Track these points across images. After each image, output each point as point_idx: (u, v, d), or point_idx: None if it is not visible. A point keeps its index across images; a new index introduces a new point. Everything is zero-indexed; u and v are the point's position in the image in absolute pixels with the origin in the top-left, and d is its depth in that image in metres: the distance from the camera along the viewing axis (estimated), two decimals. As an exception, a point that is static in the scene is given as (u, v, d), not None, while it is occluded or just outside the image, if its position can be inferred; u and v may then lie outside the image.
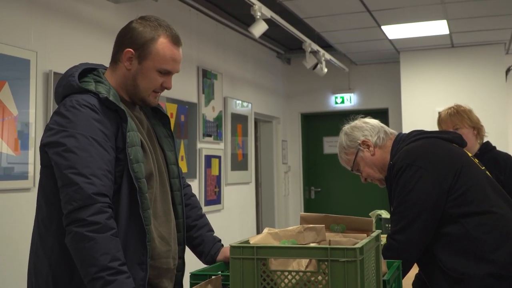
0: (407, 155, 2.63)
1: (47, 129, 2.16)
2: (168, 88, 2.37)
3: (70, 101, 2.15)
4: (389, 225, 3.91)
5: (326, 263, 1.48)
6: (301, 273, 1.50)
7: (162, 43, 2.31)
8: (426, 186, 2.53)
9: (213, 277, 1.97)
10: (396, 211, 2.60)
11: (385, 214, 4.23)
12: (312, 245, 1.66)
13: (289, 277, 1.52)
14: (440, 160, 2.61)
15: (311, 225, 1.72)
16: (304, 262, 1.59)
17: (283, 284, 1.51)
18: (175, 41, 2.35)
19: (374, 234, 1.75)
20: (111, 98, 2.18)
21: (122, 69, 2.32)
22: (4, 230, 4.06)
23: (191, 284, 2.04)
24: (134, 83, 2.31)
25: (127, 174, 2.15)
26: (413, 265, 2.59)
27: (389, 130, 2.93)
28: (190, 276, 2.12)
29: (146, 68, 2.29)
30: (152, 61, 2.28)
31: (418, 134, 2.78)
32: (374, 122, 2.95)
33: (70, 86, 2.22)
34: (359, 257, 1.46)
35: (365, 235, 1.76)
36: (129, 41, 2.32)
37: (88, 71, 2.35)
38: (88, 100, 2.15)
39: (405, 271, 2.57)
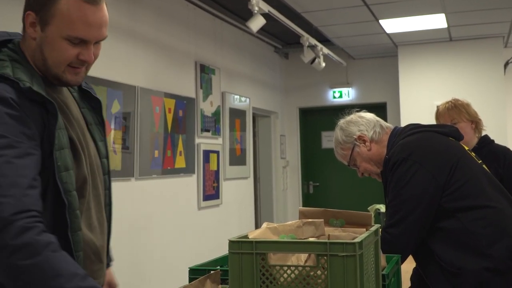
0: (402, 149, 2.63)
1: None
2: (88, 62, 1.84)
3: None
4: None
5: (325, 257, 1.47)
6: (300, 268, 1.50)
7: (68, 2, 1.74)
8: (420, 180, 2.52)
9: (212, 272, 1.96)
10: (390, 204, 2.60)
11: (383, 209, 4.23)
12: (311, 239, 1.66)
13: (288, 271, 1.52)
14: (436, 154, 2.61)
15: (310, 220, 1.72)
16: (303, 256, 1.59)
17: (282, 279, 1.51)
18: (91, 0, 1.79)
19: (373, 229, 1.75)
20: (35, 87, 1.70)
21: (29, 39, 1.82)
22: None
23: (190, 279, 2.03)
24: (42, 56, 1.79)
25: (53, 186, 1.72)
26: (406, 258, 2.59)
27: (385, 124, 2.91)
28: (189, 271, 2.11)
29: (51, 35, 1.76)
30: (56, 26, 1.75)
31: (414, 128, 2.77)
32: (370, 116, 2.93)
33: None
34: (358, 251, 1.45)
35: (364, 229, 1.76)
36: (31, 2, 1.80)
37: (3, 43, 1.83)
38: (4, 90, 1.65)
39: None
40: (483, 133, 3.89)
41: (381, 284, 1.86)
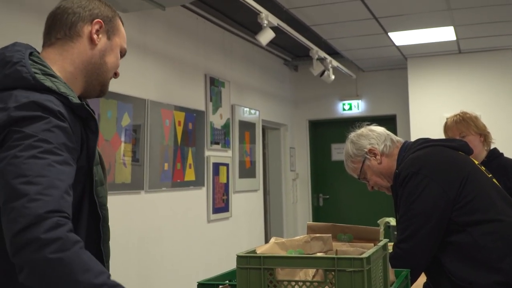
0: (412, 164, 2.62)
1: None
2: (118, 74, 2.05)
3: (28, 100, 1.64)
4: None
5: (333, 273, 1.48)
6: (308, 283, 1.51)
7: (119, 22, 2.01)
8: (431, 195, 2.52)
9: (220, 286, 1.97)
10: (401, 220, 2.59)
11: (393, 222, 4.22)
12: (319, 254, 1.66)
13: (296, 287, 1.52)
14: (446, 169, 2.60)
15: (317, 235, 1.72)
16: (311, 272, 1.59)
17: (290, 295, 1.51)
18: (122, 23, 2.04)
19: (381, 244, 1.75)
20: (75, 101, 1.75)
21: (84, 45, 1.89)
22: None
23: (199, 294, 2.04)
24: (101, 61, 1.92)
25: (88, 200, 1.78)
26: (420, 274, 2.58)
27: (395, 138, 2.91)
28: (198, 285, 2.12)
29: (115, 45, 1.97)
30: (119, 38, 1.98)
31: (424, 142, 2.77)
32: (380, 130, 2.93)
33: (22, 79, 1.69)
34: (366, 267, 1.45)
35: (372, 244, 1.76)
36: (91, 13, 1.91)
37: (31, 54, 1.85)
38: (52, 103, 1.67)
39: (412, 280, 2.56)
40: (492, 146, 3.87)
41: (390, 299, 1.86)
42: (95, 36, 1.89)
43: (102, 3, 1.95)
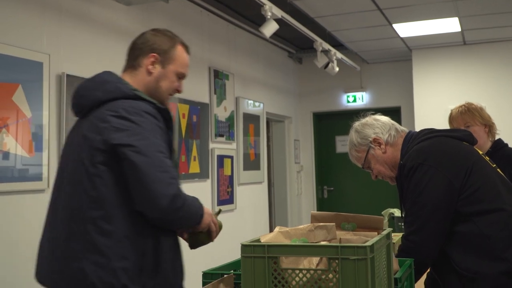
0: (417, 154, 2.62)
1: (114, 130, 2.23)
2: (181, 91, 2.58)
3: (130, 106, 2.28)
4: (402, 224, 3.92)
5: (336, 261, 1.48)
6: (312, 271, 1.51)
7: (181, 50, 2.56)
8: (438, 185, 2.52)
9: (225, 275, 1.98)
10: (409, 212, 2.58)
11: (397, 213, 4.23)
12: (322, 243, 1.66)
13: (300, 275, 1.53)
14: (451, 159, 2.60)
15: (321, 224, 1.73)
16: (315, 260, 1.59)
17: (294, 282, 1.52)
18: (188, 50, 2.61)
19: (384, 232, 1.75)
20: (162, 106, 2.38)
21: (144, 73, 2.51)
22: (19, 231, 4.09)
23: (204, 283, 2.05)
24: (156, 85, 2.50)
25: None
26: (429, 265, 2.59)
27: (400, 127, 2.90)
28: (203, 275, 2.13)
29: (169, 71, 2.51)
30: (174, 65, 2.52)
31: (428, 133, 2.76)
32: (385, 119, 2.92)
33: (121, 92, 2.35)
34: (369, 255, 1.46)
35: (376, 233, 1.76)
36: (151, 48, 2.52)
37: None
38: (147, 107, 2.31)
39: (422, 271, 2.56)
40: (497, 137, 3.87)
41: (393, 288, 1.87)
42: (150, 67, 2.50)
43: (165, 36, 2.56)
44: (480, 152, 2.78)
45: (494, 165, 2.78)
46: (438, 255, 2.57)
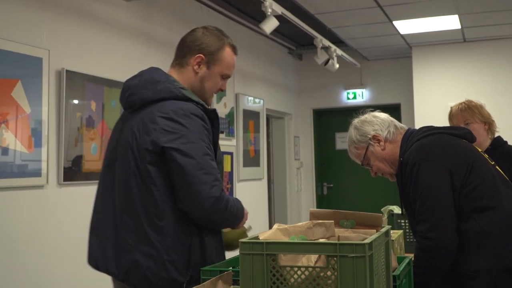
0: (419, 151, 2.62)
1: (163, 132, 2.33)
2: (224, 89, 2.67)
3: (179, 108, 2.37)
4: (401, 221, 3.90)
5: (335, 258, 1.48)
6: (310, 269, 1.51)
7: (228, 52, 2.60)
8: (444, 179, 2.51)
9: (223, 272, 1.98)
10: (422, 209, 2.54)
11: (397, 210, 4.22)
12: (321, 240, 1.66)
13: (299, 272, 1.52)
14: (452, 155, 2.60)
15: (320, 221, 1.73)
16: (313, 257, 1.59)
17: (292, 280, 1.52)
18: (236, 50, 2.66)
19: (383, 230, 1.75)
20: (208, 107, 2.48)
21: (190, 72, 2.57)
22: (18, 227, 4.10)
23: (202, 280, 2.05)
24: (201, 85, 2.56)
25: None
26: (451, 262, 2.52)
27: (399, 124, 2.90)
28: (201, 271, 2.13)
29: (214, 72, 2.56)
30: (219, 67, 2.57)
31: (428, 130, 2.76)
32: (384, 116, 2.92)
33: (170, 92, 2.43)
34: (368, 252, 1.46)
35: (375, 230, 1.76)
36: (199, 48, 2.56)
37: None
38: (195, 109, 2.39)
39: (444, 269, 2.53)
40: (496, 134, 3.88)
41: (392, 285, 1.87)
42: (196, 67, 2.55)
43: (214, 36, 2.60)
44: (479, 150, 2.79)
45: (493, 162, 2.78)
46: None
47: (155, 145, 2.32)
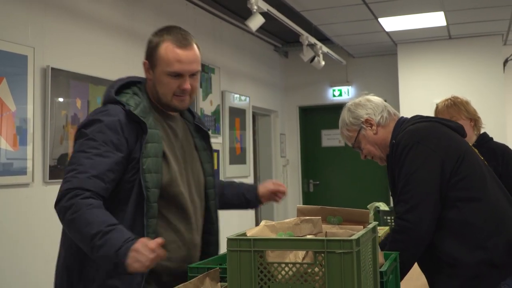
0: (412, 134, 2.62)
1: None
2: (187, 90, 2.42)
3: (99, 108, 2.38)
4: (387, 217, 3.92)
5: (322, 254, 1.48)
6: (298, 265, 1.51)
7: (165, 48, 2.40)
8: (432, 166, 2.52)
9: (211, 270, 1.98)
10: (403, 190, 2.54)
11: (383, 207, 4.24)
12: (308, 237, 1.66)
13: (286, 269, 1.52)
14: (446, 142, 2.60)
15: (307, 217, 1.73)
16: (301, 254, 1.59)
17: (280, 276, 1.52)
18: (179, 43, 2.40)
19: (370, 226, 1.75)
20: (136, 111, 2.33)
21: (148, 80, 2.50)
22: (3, 225, 4.07)
23: (189, 277, 2.05)
24: (155, 91, 2.45)
25: (138, 183, 2.29)
26: (423, 249, 2.53)
27: (393, 110, 2.91)
28: (188, 269, 2.13)
29: (158, 74, 2.41)
30: (160, 66, 2.40)
31: (422, 118, 2.78)
32: (378, 100, 2.92)
33: (107, 95, 2.42)
34: (355, 248, 1.46)
35: (362, 226, 1.76)
36: (145, 54, 2.49)
37: (134, 83, 2.52)
38: (114, 110, 2.33)
39: (418, 253, 2.53)
40: (482, 131, 3.89)
41: (379, 281, 1.87)
42: (147, 74, 2.47)
43: (154, 36, 2.47)
44: (470, 145, 2.80)
45: (482, 158, 2.80)
46: None
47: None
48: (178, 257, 2.41)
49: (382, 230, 3.00)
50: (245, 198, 2.94)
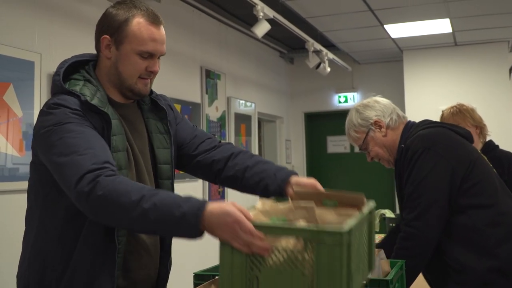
0: (423, 140, 2.60)
1: (35, 131, 2.08)
2: (155, 72, 2.16)
3: (52, 100, 2.04)
4: (393, 224, 3.91)
5: (312, 244, 1.48)
6: (289, 251, 1.52)
7: (138, 23, 2.10)
8: (442, 172, 2.50)
9: (216, 277, 1.97)
10: (411, 197, 2.54)
11: (389, 214, 4.23)
12: (300, 224, 1.67)
13: (277, 254, 1.53)
14: (456, 149, 2.59)
15: (302, 205, 1.74)
16: (292, 240, 1.59)
17: (271, 261, 1.52)
18: (153, 20, 2.14)
19: (365, 210, 1.75)
20: (94, 101, 2.02)
21: (104, 59, 2.15)
22: (9, 230, 4.09)
23: (195, 284, 2.04)
24: (116, 72, 2.12)
25: None
26: (429, 256, 2.53)
27: (401, 113, 2.88)
28: (194, 276, 2.11)
29: (125, 52, 2.10)
30: (129, 44, 2.09)
31: (432, 123, 2.76)
32: (386, 102, 2.89)
33: (55, 86, 2.10)
34: (345, 241, 1.45)
35: (357, 210, 1.76)
36: (105, 28, 2.14)
37: (82, 64, 2.19)
38: (69, 101, 2.01)
39: (424, 261, 2.52)
40: (488, 138, 3.87)
41: (374, 263, 1.88)
42: (106, 52, 2.13)
43: (121, 10, 2.13)
44: (480, 152, 2.80)
45: (490, 165, 2.79)
46: None
47: (32, 146, 2.27)
48: (144, 262, 2.16)
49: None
50: (266, 189, 2.26)
